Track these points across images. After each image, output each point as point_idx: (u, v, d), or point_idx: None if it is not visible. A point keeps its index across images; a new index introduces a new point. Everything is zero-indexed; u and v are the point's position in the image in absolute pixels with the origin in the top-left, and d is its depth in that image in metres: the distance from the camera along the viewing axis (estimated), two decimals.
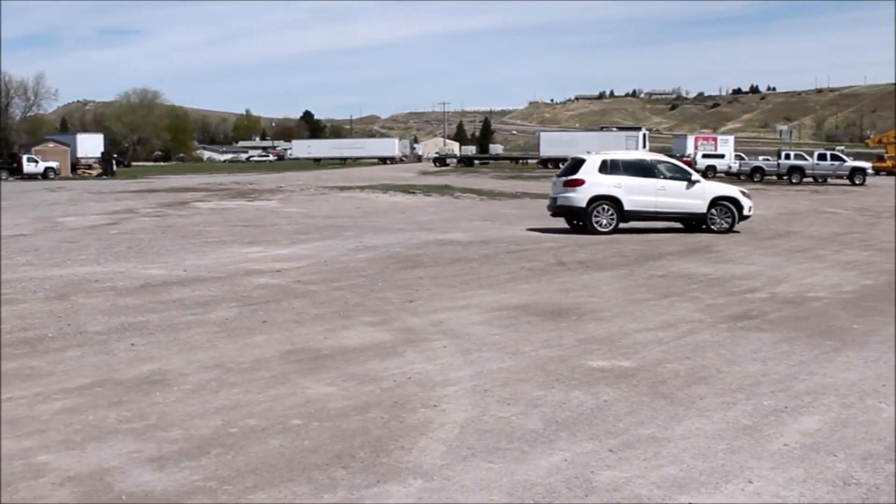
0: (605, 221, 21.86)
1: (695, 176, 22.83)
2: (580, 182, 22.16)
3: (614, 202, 21.92)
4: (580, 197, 21.99)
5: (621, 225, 22.05)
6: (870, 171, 58.93)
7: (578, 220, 22.28)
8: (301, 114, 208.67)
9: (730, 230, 21.85)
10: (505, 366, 8.41)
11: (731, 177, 63.13)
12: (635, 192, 22.00)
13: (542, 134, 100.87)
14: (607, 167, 22.36)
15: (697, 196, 22.17)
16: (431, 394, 7.45)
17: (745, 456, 6.07)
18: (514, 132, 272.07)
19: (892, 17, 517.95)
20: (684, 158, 72.27)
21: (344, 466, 5.76)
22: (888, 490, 5.50)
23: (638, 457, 6.01)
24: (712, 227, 21.96)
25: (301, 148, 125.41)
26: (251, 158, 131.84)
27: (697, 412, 7.07)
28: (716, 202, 22.21)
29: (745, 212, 22.32)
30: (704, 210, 22.09)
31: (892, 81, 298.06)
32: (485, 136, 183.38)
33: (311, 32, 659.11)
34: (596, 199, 21.94)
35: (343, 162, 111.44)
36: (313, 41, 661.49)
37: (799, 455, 6.11)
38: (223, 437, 6.30)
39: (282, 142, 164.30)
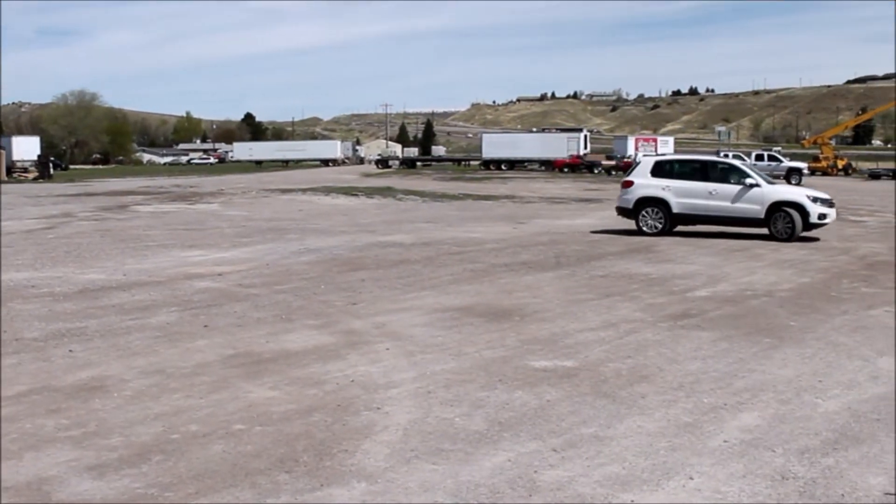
0: (651, 223, 21.61)
1: (755, 179, 21.24)
2: (630, 183, 22.32)
3: (662, 204, 21.63)
4: (629, 198, 22.07)
5: (681, 227, 21.83)
6: (805, 171, 60.16)
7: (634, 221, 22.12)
8: (242, 116, 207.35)
9: (790, 239, 20.36)
10: (448, 367, 8.42)
11: None
12: (684, 195, 21.49)
13: (485, 135, 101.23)
14: (661, 169, 22.21)
15: (755, 201, 20.89)
16: (375, 396, 7.43)
17: (686, 453, 6.14)
18: (448, 133, 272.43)
19: (827, 21, 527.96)
20: (625, 160, 73.26)
21: (287, 471, 5.73)
22: (824, 483, 5.60)
23: (581, 456, 6.06)
24: (775, 234, 20.68)
25: (242, 150, 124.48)
26: (192, 161, 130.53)
27: (639, 410, 7.13)
28: (777, 207, 20.72)
29: (814, 219, 20.58)
30: (762, 216, 20.78)
31: (827, 84, 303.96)
32: (427, 137, 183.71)
33: (252, 34, 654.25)
34: (643, 201, 21.85)
35: (285, 164, 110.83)
36: (254, 42, 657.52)
37: (738, 451, 6.20)
38: (164, 443, 6.23)
39: (223, 144, 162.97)
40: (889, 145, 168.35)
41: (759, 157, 59.89)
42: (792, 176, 56.93)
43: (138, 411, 6.98)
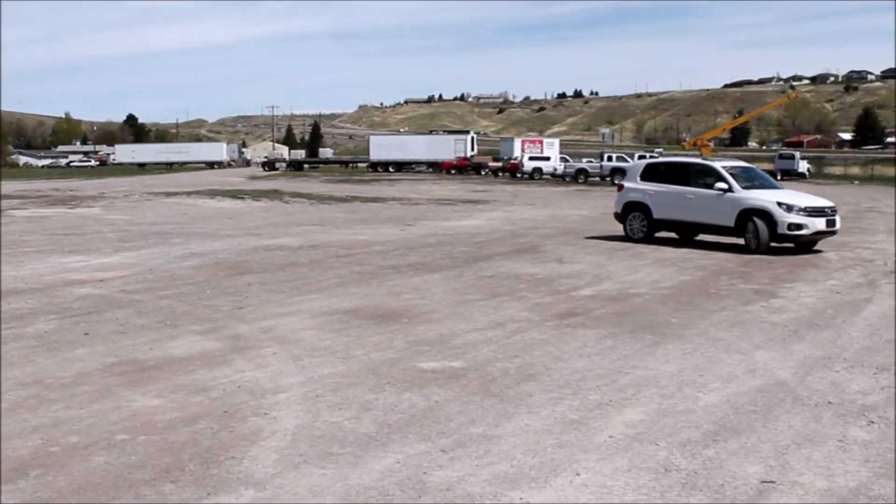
0: (637, 228, 20.78)
1: (727, 182, 19.06)
2: (620, 188, 21.76)
3: (644, 210, 20.70)
4: (618, 203, 21.43)
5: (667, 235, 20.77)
6: None
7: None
8: (124, 117, 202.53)
9: (756, 251, 18.25)
10: (336, 370, 8.38)
11: (556, 178, 64.83)
12: (665, 200, 20.33)
13: (372, 137, 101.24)
14: (651, 172, 21.23)
15: (725, 207, 18.94)
16: (262, 402, 7.35)
17: (572, 449, 6.24)
18: (334, 136, 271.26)
19: (705, 27, 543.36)
20: (511, 161, 74.08)
21: (173, 480, 5.62)
22: (705, 474, 5.77)
23: (469, 455, 6.10)
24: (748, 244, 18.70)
25: (125, 153, 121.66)
26: (72, 164, 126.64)
27: (526, 409, 7.22)
28: (746, 215, 18.59)
29: (783, 229, 18.17)
30: (732, 224, 18.84)
31: (706, 88, 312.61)
32: (314, 139, 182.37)
33: (134, 33, 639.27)
34: (629, 206, 21.05)
35: (169, 167, 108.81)
36: (136, 42, 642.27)
37: (623, 446, 6.33)
38: (43, 456, 6.03)
39: (104, 146, 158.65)
40: (764, 147, 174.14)
41: (642, 158, 61.13)
42: None
43: (15, 424, 6.74)
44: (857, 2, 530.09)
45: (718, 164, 20.27)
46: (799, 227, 18.16)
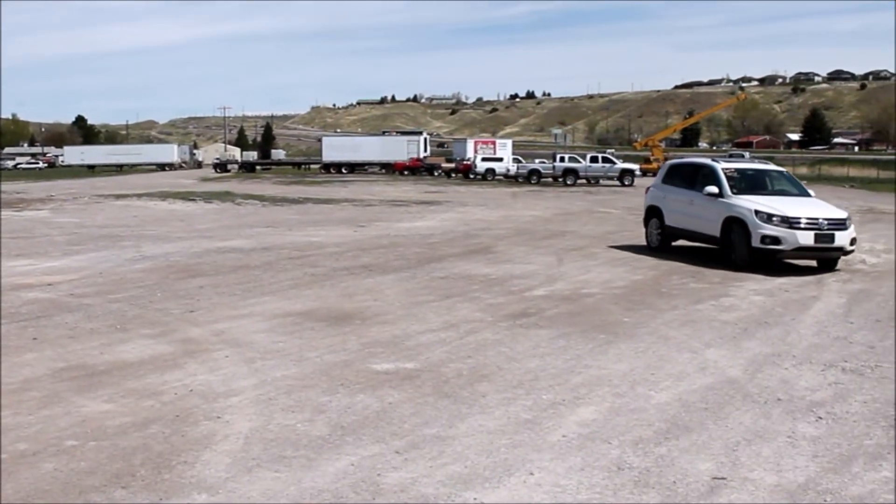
0: (655, 235, 19.45)
1: (719, 185, 17.12)
2: (647, 191, 20.85)
3: (659, 215, 19.36)
4: (645, 207, 20.42)
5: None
6: (638, 172, 62.23)
7: None
8: (73, 119, 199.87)
9: (737, 267, 15.98)
10: (289, 373, 8.34)
11: (509, 179, 65.05)
12: (674, 206, 18.86)
13: (325, 138, 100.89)
14: (672, 174, 19.95)
15: (712, 215, 17.04)
16: (214, 405, 7.29)
17: (526, 449, 6.27)
18: (296, 138, 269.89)
19: (656, 29, 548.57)
20: (464, 162, 74.19)
21: (124, 486, 5.56)
22: (657, 472, 5.82)
23: (423, 456, 6.10)
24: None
25: (74, 154, 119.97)
26: (19, 166, 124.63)
27: (480, 409, 7.24)
28: (729, 224, 16.49)
29: (756, 242, 15.73)
30: (717, 233, 16.85)
31: (656, 89, 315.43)
32: (267, 141, 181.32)
33: (83, 33, 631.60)
34: (648, 211, 20.06)
35: (119, 169, 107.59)
36: (86, 42, 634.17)
37: (576, 445, 6.37)
38: None
39: (53, 148, 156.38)
40: (714, 147, 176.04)
41: (594, 159, 61.49)
42: (625, 177, 58.85)
43: None
44: (805, 2, 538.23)
45: (723, 165, 18.07)
46: (776, 240, 15.51)
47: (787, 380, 8.29)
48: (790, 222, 15.59)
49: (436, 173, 78.30)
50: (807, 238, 15.50)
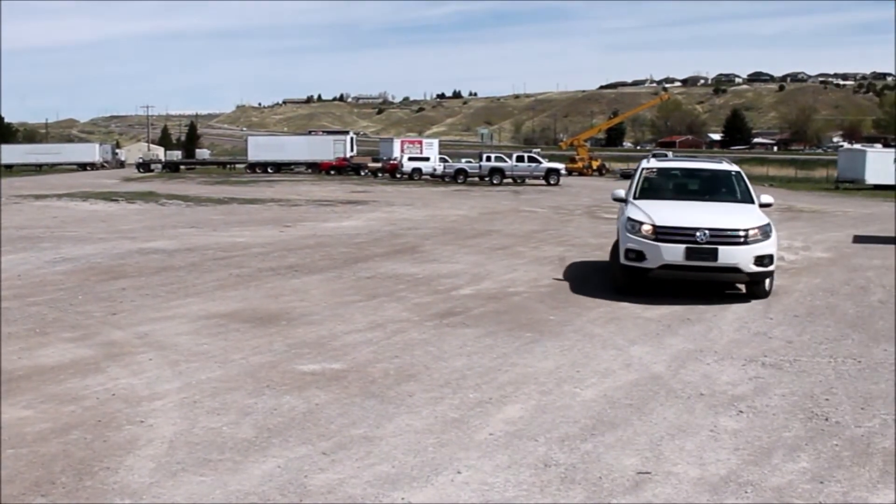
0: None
1: (631, 190, 14.47)
2: None
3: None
4: None
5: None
6: (563, 171, 62.80)
7: None
8: None
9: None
10: (214, 375, 8.25)
11: (435, 179, 65.12)
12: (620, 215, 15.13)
13: (251, 138, 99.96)
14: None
15: (618, 224, 14.14)
16: (138, 409, 7.18)
17: (453, 448, 6.29)
18: (221, 137, 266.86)
19: (580, 30, 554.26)
20: (391, 162, 74.09)
21: (43, 494, 5.44)
22: (583, 468, 5.89)
23: (351, 457, 6.09)
24: None
25: None
26: None
27: (407, 409, 7.24)
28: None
29: (623, 258, 12.95)
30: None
31: (582, 89, 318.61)
32: (191, 140, 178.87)
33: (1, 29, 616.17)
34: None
35: (39, 169, 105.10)
36: (3, 38, 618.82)
37: (503, 443, 6.41)
38: None
39: None
40: (638, 147, 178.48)
41: (520, 159, 61.79)
42: (551, 176, 59.34)
43: None
44: (727, 4, 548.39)
45: (647, 164, 15.71)
46: (640, 256, 12.65)
47: (709, 375, 8.44)
48: (658, 233, 12.58)
49: (362, 173, 78.07)
50: (674, 254, 12.38)
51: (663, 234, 12.54)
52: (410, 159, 71.92)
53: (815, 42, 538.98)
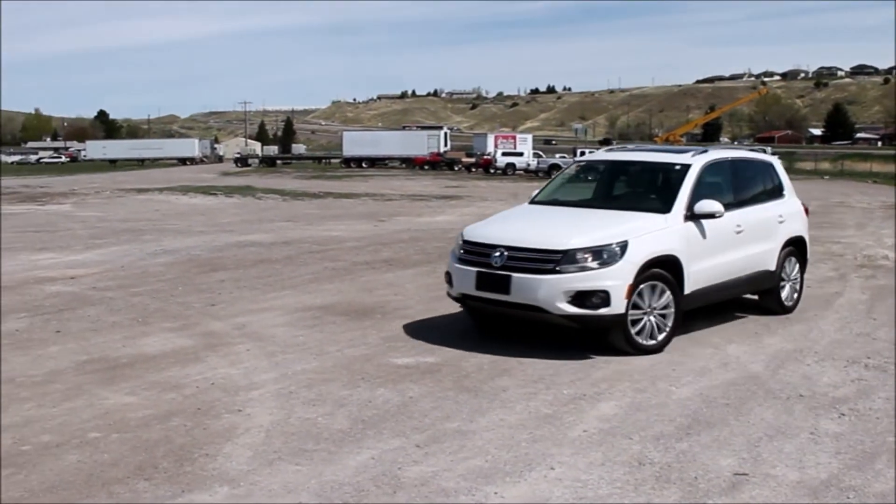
0: None
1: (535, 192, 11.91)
2: None
3: None
4: None
5: None
6: None
7: None
8: (95, 113, 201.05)
9: None
10: (310, 367, 8.36)
11: (529, 174, 64.95)
12: None
13: (346, 133, 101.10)
14: None
15: None
16: (236, 398, 7.32)
17: (547, 444, 6.26)
18: (313, 132, 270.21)
19: (677, 23, 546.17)
20: (484, 157, 74.13)
21: (146, 478, 5.59)
22: (679, 467, 5.81)
23: (444, 450, 6.11)
24: None
25: (96, 149, 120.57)
26: (42, 160, 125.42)
27: (501, 403, 7.23)
28: None
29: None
30: None
31: (678, 84, 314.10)
32: (287, 135, 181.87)
33: (105, 28, 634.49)
34: None
35: (141, 163, 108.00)
36: (107, 37, 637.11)
37: (597, 440, 6.36)
38: (15, 455, 5.99)
39: (75, 142, 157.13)
40: (735, 142, 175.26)
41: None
42: None
43: None
44: (826, 1, 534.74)
45: (578, 159, 13.51)
46: (448, 278, 9.98)
47: (809, 376, 8.24)
48: (464, 251, 9.67)
49: (456, 168, 78.28)
50: (468, 280, 9.32)
51: (467, 252, 9.58)
52: (504, 154, 71.91)
53: None
